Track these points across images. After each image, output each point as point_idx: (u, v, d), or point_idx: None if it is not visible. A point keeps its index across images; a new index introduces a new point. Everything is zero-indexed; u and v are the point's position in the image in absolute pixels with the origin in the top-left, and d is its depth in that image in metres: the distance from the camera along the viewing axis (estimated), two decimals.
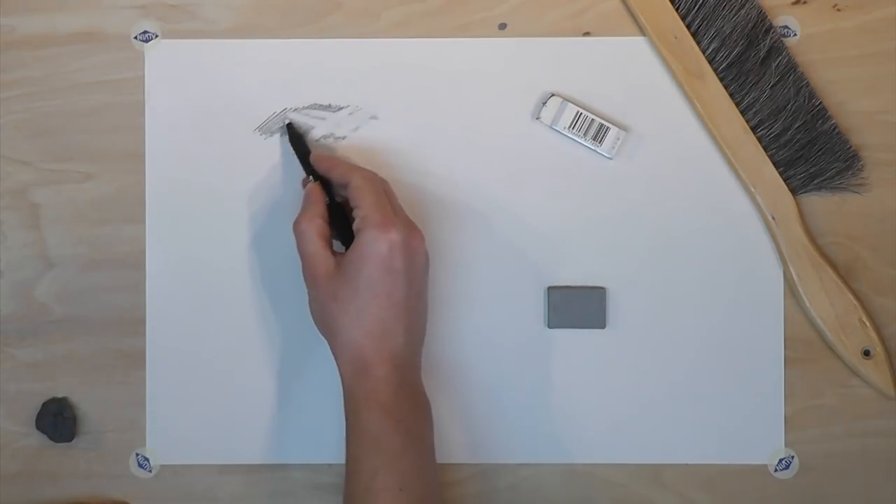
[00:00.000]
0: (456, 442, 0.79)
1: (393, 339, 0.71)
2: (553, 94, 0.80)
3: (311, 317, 0.74)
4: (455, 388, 0.79)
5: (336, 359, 0.72)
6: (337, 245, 0.75)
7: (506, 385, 0.80)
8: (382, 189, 0.73)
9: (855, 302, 0.79)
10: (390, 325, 0.71)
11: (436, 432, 0.73)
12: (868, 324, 0.79)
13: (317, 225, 0.73)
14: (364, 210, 0.71)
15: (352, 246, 0.72)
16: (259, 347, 0.80)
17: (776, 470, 0.80)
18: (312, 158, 0.77)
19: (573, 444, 0.80)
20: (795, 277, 0.79)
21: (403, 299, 0.71)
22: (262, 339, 0.80)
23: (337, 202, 0.75)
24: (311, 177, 0.77)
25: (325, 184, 0.76)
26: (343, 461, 0.71)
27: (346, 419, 0.72)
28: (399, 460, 0.69)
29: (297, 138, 0.78)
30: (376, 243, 0.70)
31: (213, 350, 0.79)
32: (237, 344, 0.80)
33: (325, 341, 0.73)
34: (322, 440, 0.79)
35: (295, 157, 0.78)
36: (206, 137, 0.80)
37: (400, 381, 0.71)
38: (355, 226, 0.72)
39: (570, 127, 0.79)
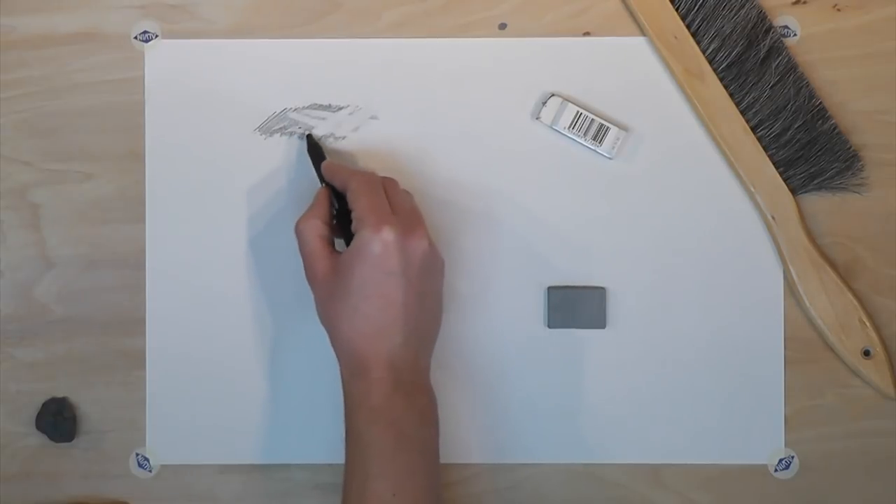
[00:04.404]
0: (456, 442, 0.79)
1: (388, 339, 0.70)
2: (553, 94, 0.80)
3: (316, 316, 0.74)
4: (455, 388, 0.79)
5: (337, 359, 0.72)
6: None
7: (506, 385, 0.80)
8: (381, 189, 0.73)
9: (855, 302, 0.79)
10: (385, 326, 0.70)
11: None
12: (868, 324, 0.79)
13: (314, 225, 0.73)
14: (358, 211, 0.71)
15: (348, 247, 0.71)
16: (259, 347, 0.80)
17: (776, 470, 0.80)
18: (322, 167, 0.77)
19: (573, 444, 0.80)
20: (795, 277, 0.79)
21: (400, 300, 0.70)
22: (262, 338, 0.80)
23: (348, 208, 0.75)
24: (324, 184, 0.76)
25: (338, 191, 0.76)
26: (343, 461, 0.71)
27: (345, 420, 0.71)
28: (391, 464, 0.69)
29: (314, 148, 0.78)
30: (370, 244, 0.70)
31: (213, 350, 0.79)
32: (237, 344, 0.80)
33: (329, 341, 0.73)
34: (322, 440, 0.79)
35: (311, 167, 0.77)
36: (206, 137, 0.80)
37: (395, 383, 0.70)
38: (352, 228, 0.71)
39: (570, 127, 0.79)
